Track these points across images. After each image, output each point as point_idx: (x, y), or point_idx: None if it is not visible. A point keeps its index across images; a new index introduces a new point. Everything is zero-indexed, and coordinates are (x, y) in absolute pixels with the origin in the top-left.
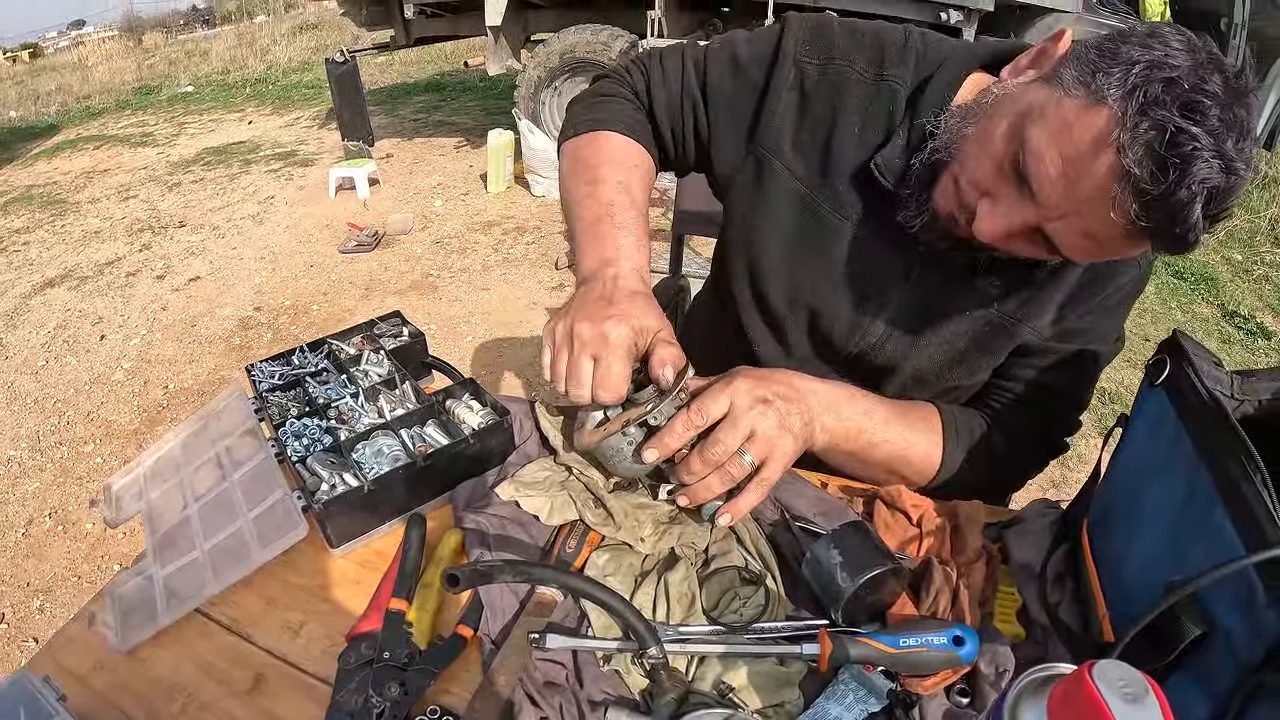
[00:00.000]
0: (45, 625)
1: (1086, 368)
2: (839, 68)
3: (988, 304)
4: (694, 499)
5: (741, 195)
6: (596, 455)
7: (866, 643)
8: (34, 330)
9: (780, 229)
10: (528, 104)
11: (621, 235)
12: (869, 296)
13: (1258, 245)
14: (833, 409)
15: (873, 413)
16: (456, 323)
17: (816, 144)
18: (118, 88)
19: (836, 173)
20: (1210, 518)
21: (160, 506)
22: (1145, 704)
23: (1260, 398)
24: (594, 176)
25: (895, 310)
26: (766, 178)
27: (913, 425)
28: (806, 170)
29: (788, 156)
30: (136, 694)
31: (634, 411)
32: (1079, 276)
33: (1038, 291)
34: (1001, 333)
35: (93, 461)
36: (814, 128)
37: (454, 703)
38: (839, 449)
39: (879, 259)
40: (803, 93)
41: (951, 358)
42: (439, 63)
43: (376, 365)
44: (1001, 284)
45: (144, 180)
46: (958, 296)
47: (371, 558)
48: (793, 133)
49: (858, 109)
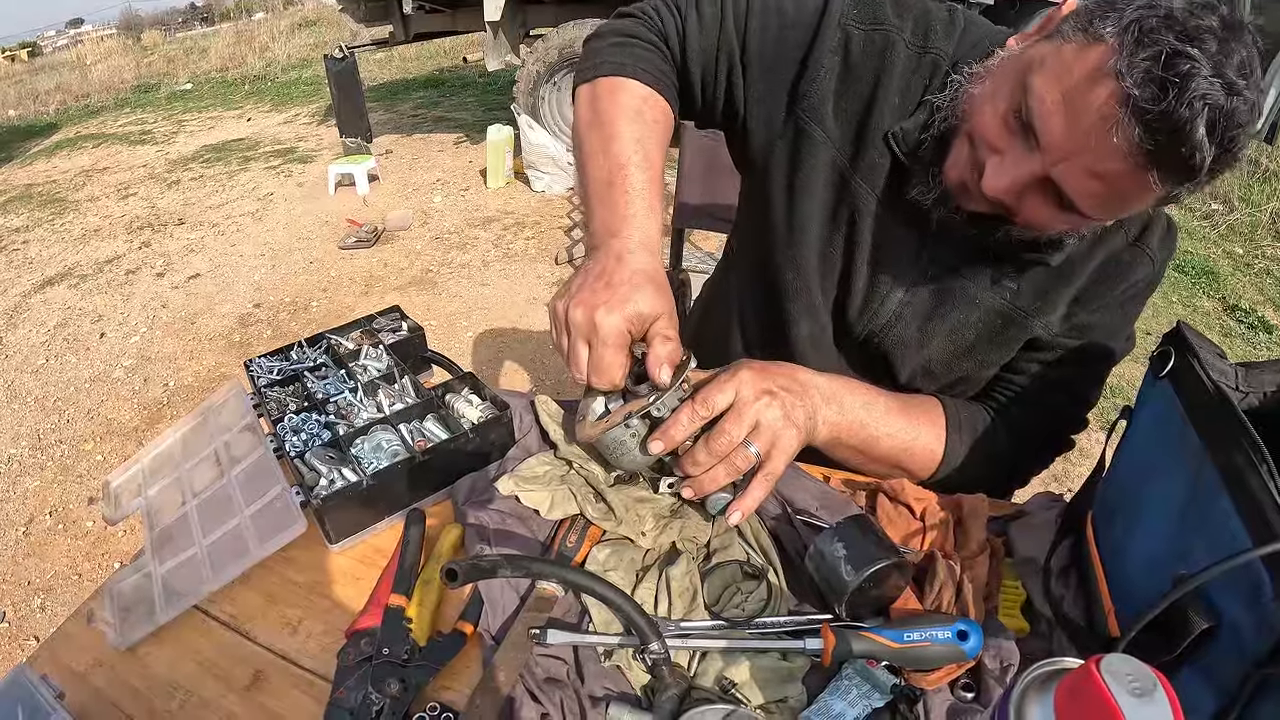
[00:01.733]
0: (46, 624)
1: (1095, 365)
2: (887, 33)
3: (1001, 295)
4: (699, 490)
5: (779, 164)
6: (599, 448)
7: (870, 637)
8: (34, 329)
9: (817, 203)
10: (527, 99)
11: (633, 201)
12: (882, 274)
13: (1259, 239)
14: (835, 401)
15: (874, 405)
16: (456, 318)
17: (856, 112)
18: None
19: (871, 144)
20: (1216, 510)
21: (159, 503)
22: (1154, 699)
23: (1265, 390)
24: (610, 132)
25: (906, 291)
26: (805, 147)
27: (916, 419)
28: (843, 139)
29: (829, 124)
30: (135, 691)
31: (635, 404)
32: (1092, 271)
33: (1052, 286)
34: (1013, 325)
35: (93, 459)
36: (856, 95)
37: (454, 699)
38: (842, 443)
39: (894, 235)
40: (847, 58)
41: (960, 347)
42: (438, 58)
43: (375, 360)
44: (1016, 275)
45: (143, 178)
46: (970, 283)
47: (370, 554)
48: (834, 99)
49: (900, 79)
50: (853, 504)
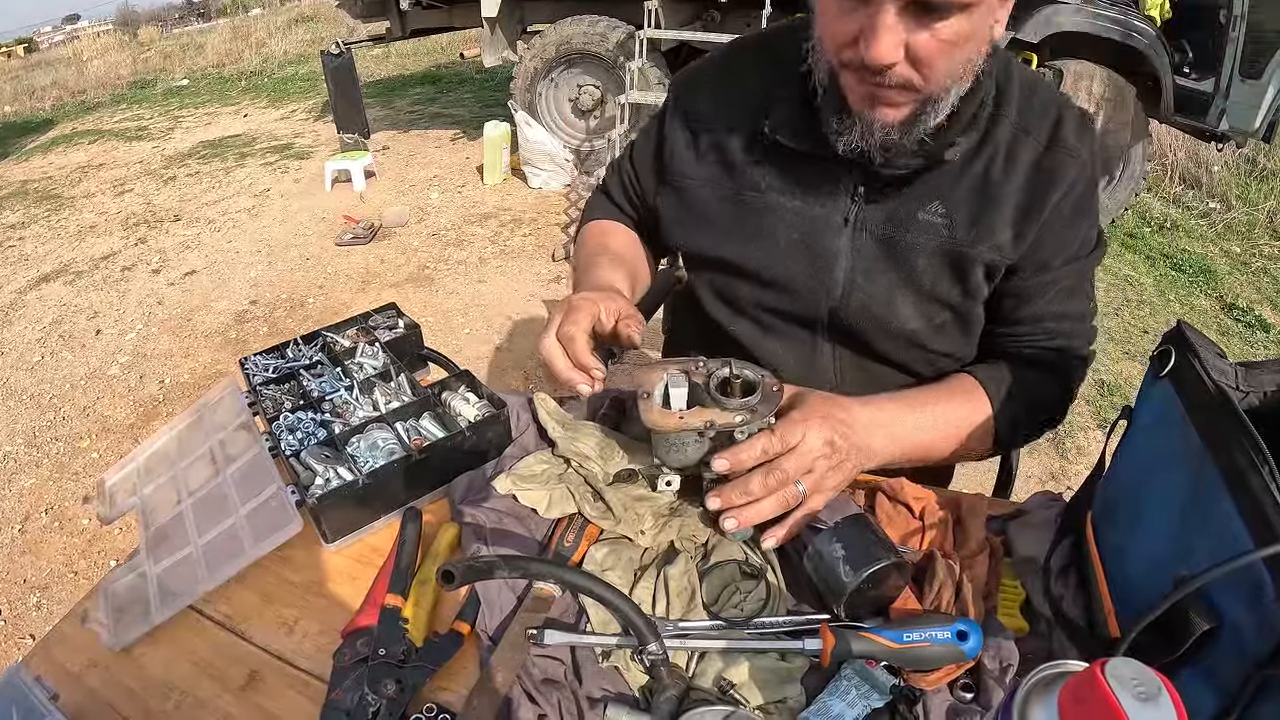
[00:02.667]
0: (42, 622)
1: (1076, 278)
2: (710, 89)
3: (937, 235)
4: (744, 521)
5: (672, 223)
6: (653, 435)
7: (869, 637)
8: (29, 325)
9: (718, 231)
10: (524, 96)
11: (595, 270)
12: (817, 255)
13: (1256, 238)
14: (885, 428)
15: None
16: (453, 315)
17: (713, 149)
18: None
19: (740, 163)
20: (1217, 511)
21: (154, 502)
22: (1159, 703)
23: (1266, 389)
24: (582, 251)
25: (848, 259)
26: (687, 196)
27: (958, 404)
28: (717, 173)
29: (696, 173)
30: (130, 692)
31: (722, 417)
32: (1020, 189)
33: (982, 211)
34: (962, 260)
35: (89, 457)
36: (707, 140)
37: (451, 700)
38: (898, 462)
39: (810, 215)
40: (690, 123)
41: (922, 296)
42: (435, 55)
43: (371, 358)
44: (944, 215)
45: (139, 174)
46: (904, 234)
47: (367, 553)
48: (691, 152)
49: (736, 104)
50: (852, 503)
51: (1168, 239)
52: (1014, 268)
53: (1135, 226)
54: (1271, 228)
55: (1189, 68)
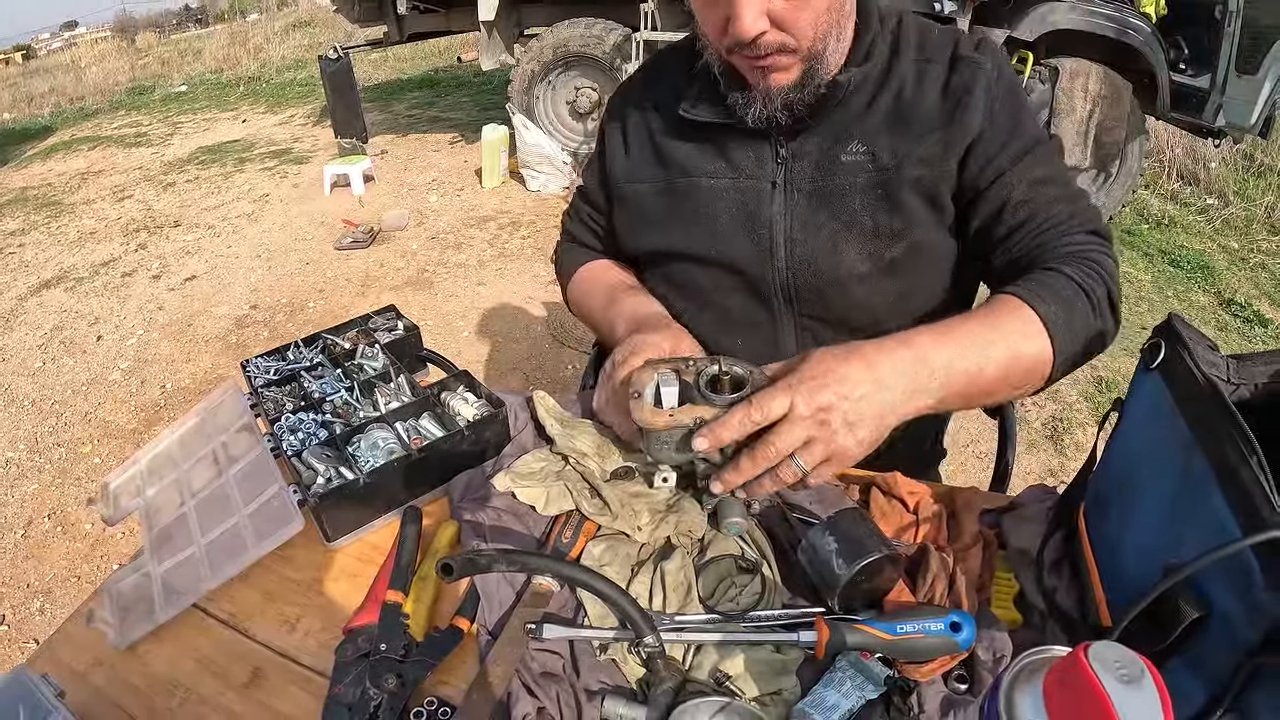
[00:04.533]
0: (45, 626)
1: (1047, 169)
2: (637, 93)
3: (861, 171)
4: (752, 496)
5: (624, 231)
6: (645, 433)
7: (863, 629)
8: (30, 332)
9: (661, 224)
10: (522, 99)
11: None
12: (757, 224)
13: (1254, 233)
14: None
15: (961, 341)
16: (453, 318)
17: (644, 144)
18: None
19: (668, 150)
20: (1206, 501)
21: (157, 503)
22: (1141, 685)
23: (1257, 381)
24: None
25: (783, 222)
26: (630, 201)
27: (999, 323)
28: (649, 168)
29: (633, 173)
30: (135, 689)
31: (711, 413)
32: (935, 106)
33: (898, 135)
34: (891, 185)
35: (91, 462)
36: (637, 138)
37: (451, 694)
38: (945, 401)
39: (740, 187)
40: (623, 127)
41: (865, 236)
42: (432, 59)
43: (371, 359)
44: (859, 151)
45: (139, 180)
46: (830, 180)
47: (368, 551)
48: (625, 155)
49: (658, 98)
50: (846, 498)
51: (1165, 235)
52: (975, 187)
53: (1133, 223)
54: (1269, 223)
55: (1185, 64)
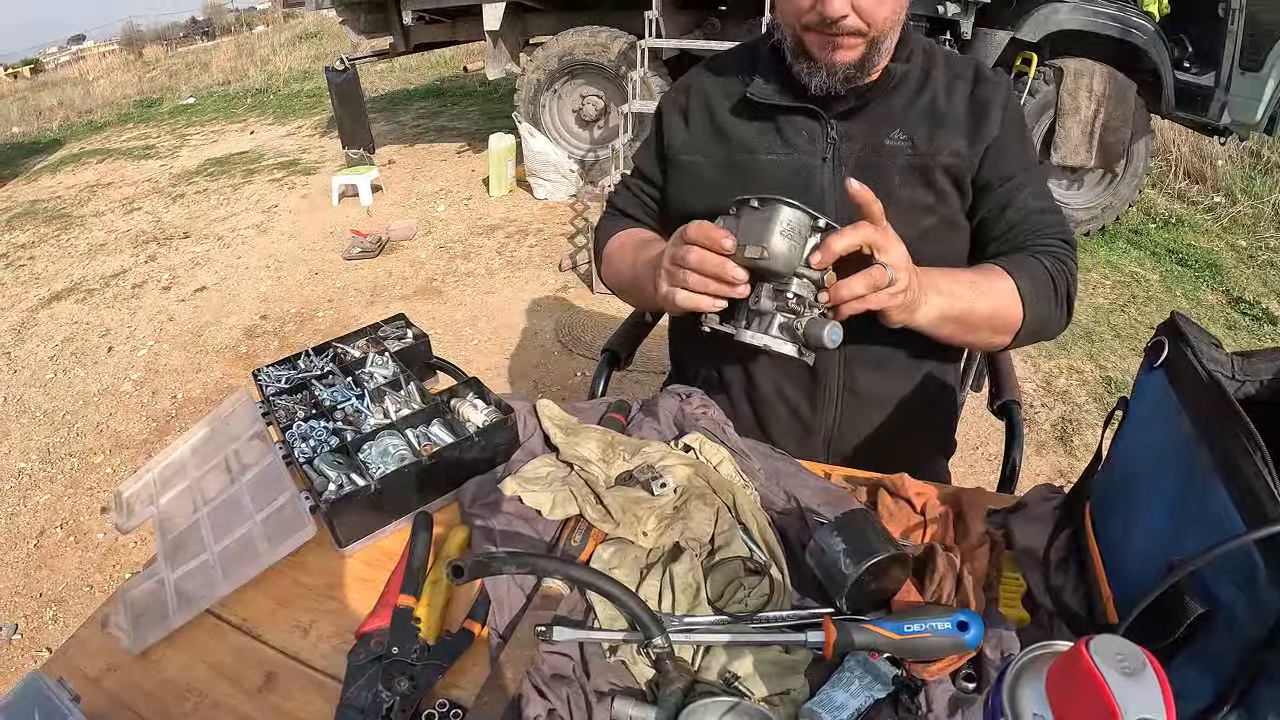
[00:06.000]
0: (59, 635)
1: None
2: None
3: (901, 154)
4: (835, 298)
5: (676, 197)
6: (764, 222)
7: (871, 629)
8: (42, 343)
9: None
10: (528, 107)
11: (656, 245)
12: (809, 193)
13: (1262, 231)
14: (933, 284)
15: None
16: (461, 326)
17: (705, 122)
18: (119, 101)
19: (729, 128)
20: (1211, 497)
21: (170, 511)
22: (1143, 677)
23: (1261, 378)
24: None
25: (834, 196)
26: (687, 169)
27: (991, 280)
28: (710, 143)
29: (693, 146)
30: (149, 694)
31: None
32: (963, 111)
33: (934, 128)
34: (928, 170)
35: (103, 472)
36: (697, 116)
37: (462, 696)
38: (946, 318)
39: (794, 162)
40: (684, 107)
41: (903, 207)
42: (438, 68)
43: (382, 367)
44: (902, 136)
45: (148, 192)
46: (876, 157)
47: (379, 556)
48: (685, 129)
49: (721, 84)
50: (853, 500)
51: (1173, 234)
52: (987, 183)
53: (1140, 223)
54: (1277, 220)
55: (1189, 62)
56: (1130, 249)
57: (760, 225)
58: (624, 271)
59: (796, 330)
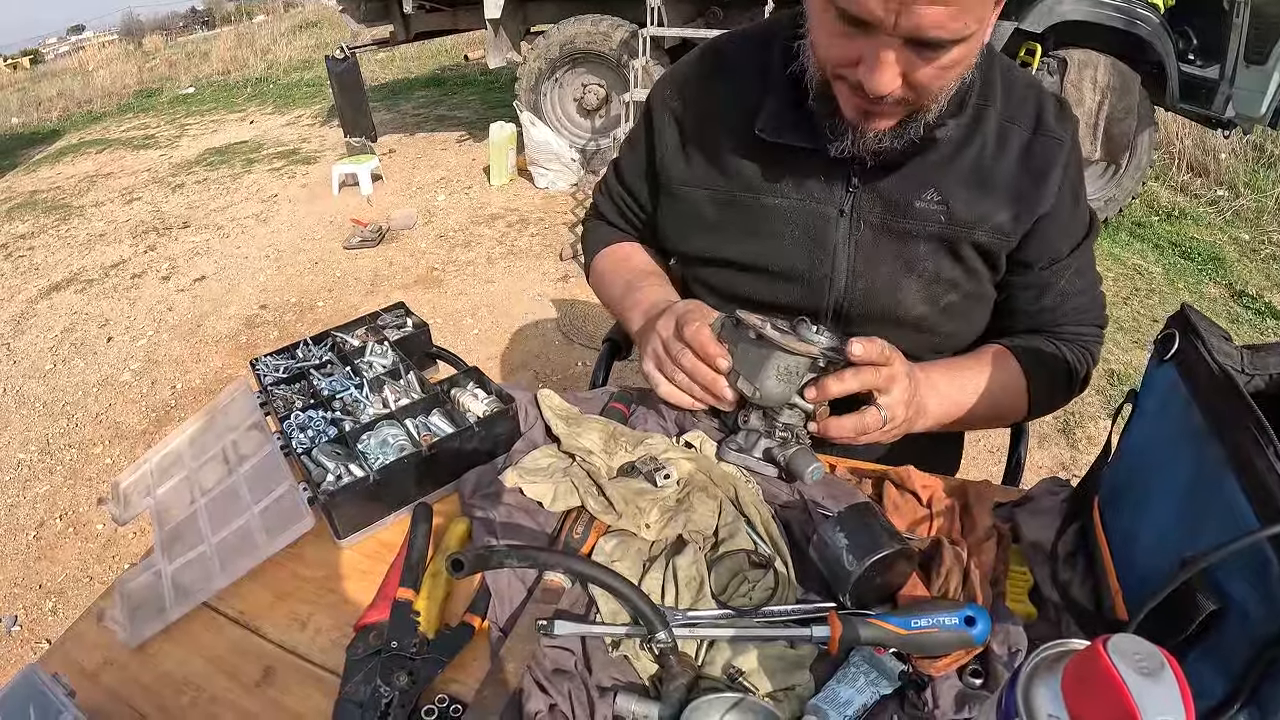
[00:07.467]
0: (58, 627)
1: (1086, 259)
2: (697, 85)
3: (934, 221)
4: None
5: (670, 229)
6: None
7: (877, 624)
8: (41, 334)
9: (716, 233)
10: (529, 96)
11: (645, 291)
12: (818, 247)
13: (1265, 224)
14: (934, 389)
15: (960, 376)
16: (462, 316)
17: (706, 151)
18: (119, 91)
19: (733, 163)
20: (1222, 492)
21: (168, 502)
22: (1161, 678)
23: (1271, 371)
24: (610, 280)
25: (846, 250)
26: (684, 203)
27: (993, 371)
28: (710, 176)
29: (691, 178)
30: (146, 688)
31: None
32: (1013, 174)
33: (977, 198)
34: (960, 243)
35: (102, 463)
36: (697, 142)
37: (462, 691)
38: (941, 422)
39: (807, 210)
40: (680, 124)
41: (925, 281)
42: (439, 57)
43: (381, 356)
44: (938, 200)
45: (147, 182)
46: (901, 222)
47: (378, 548)
48: (682, 157)
49: (723, 105)
50: (859, 493)
51: (1176, 227)
52: (1026, 262)
53: (1143, 215)
54: None
55: (1194, 54)
56: (1133, 241)
57: (755, 362)
58: (611, 298)
59: (779, 460)
